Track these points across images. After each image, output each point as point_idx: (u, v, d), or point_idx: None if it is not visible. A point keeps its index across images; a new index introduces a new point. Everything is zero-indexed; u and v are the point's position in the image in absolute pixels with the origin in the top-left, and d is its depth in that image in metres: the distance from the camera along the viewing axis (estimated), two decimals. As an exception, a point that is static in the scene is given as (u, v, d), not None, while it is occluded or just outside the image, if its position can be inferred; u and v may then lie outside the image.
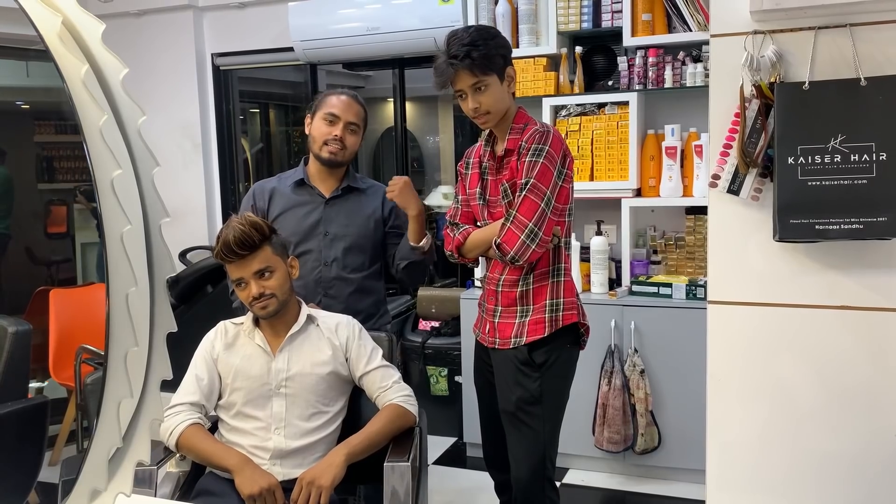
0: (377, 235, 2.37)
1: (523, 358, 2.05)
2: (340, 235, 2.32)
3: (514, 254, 1.96)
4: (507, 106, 2.06)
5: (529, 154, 1.98)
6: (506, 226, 1.98)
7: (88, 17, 0.97)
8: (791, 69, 1.65)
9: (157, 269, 1.07)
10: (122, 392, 1.02)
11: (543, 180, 1.97)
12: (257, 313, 1.95)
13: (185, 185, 4.44)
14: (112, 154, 0.93)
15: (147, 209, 1.03)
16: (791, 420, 1.76)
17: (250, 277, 1.90)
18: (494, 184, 2.10)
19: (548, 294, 2.06)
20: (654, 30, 3.27)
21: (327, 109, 2.30)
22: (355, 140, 2.34)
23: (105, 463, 1.01)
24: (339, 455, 1.83)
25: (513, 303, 2.08)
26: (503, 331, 2.09)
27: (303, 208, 2.33)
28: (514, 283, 2.07)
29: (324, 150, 2.29)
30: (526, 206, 1.96)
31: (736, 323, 1.75)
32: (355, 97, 2.35)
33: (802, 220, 1.60)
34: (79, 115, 0.98)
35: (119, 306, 0.99)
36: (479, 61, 1.95)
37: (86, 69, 0.92)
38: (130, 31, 4.41)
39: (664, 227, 3.48)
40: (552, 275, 2.08)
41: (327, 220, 2.32)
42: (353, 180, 2.39)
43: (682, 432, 3.14)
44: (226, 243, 1.86)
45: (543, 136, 1.99)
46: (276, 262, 1.94)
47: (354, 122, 2.32)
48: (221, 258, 1.90)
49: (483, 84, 1.98)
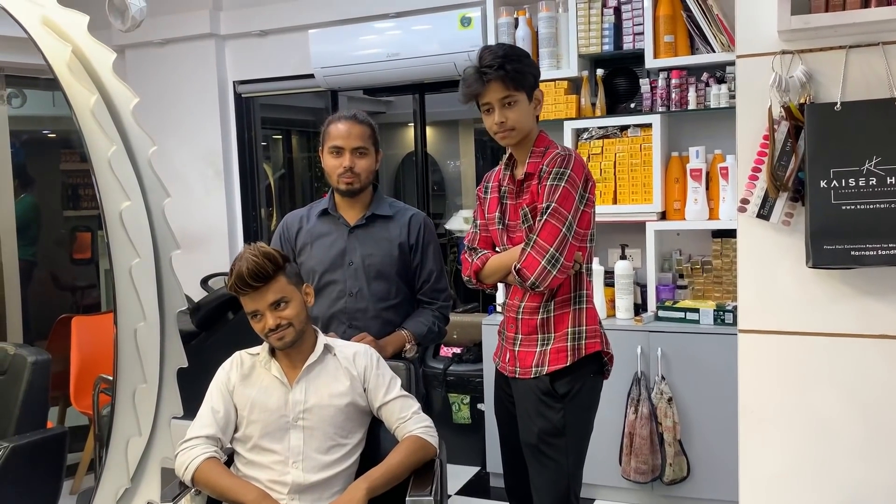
0: (402, 263, 2.30)
1: (545, 388, 2.00)
2: (365, 265, 2.26)
3: (535, 280, 1.92)
4: (531, 127, 2.03)
5: (551, 178, 1.94)
6: (526, 251, 1.94)
7: (99, 46, 0.95)
8: (822, 90, 1.60)
9: (168, 302, 1.05)
10: (131, 430, 0.99)
11: (565, 204, 1.93)
12: (274, 345, 1.92)
13: (207, 211, 4.46)
14: (121, 185, 0.91)
15: (157, 241, 1.01)
16: (827, 454, 1.68)
17: (265, 309, 1.87)
18: (514, 208, 2.06)
19: (570, 322, 2.01)
20: (677, 51, 3.23)
21: (331, 143, 2.25)
22: (367, 163, 2.27)
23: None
24: (359, 490, 1.79)
25: (533, 330, 2.03)
26: (524, 359, 2.04)
27: (328, 238, 2.29)
28: (535, 310, 2.02)
29: (340, 182, 2.25)
30: (547, 231, 1.92)
31: (768, 353, 1.69)
32: (355, 118, 2.28)
33: (837, 245, 1.54)
34: (87, 145, 0.96)
35: (127, 341, 0.96)
36: (513, 74, 1.93)
37: (95, 99, 0.90)
38: (153, 61, 4.47)
39: (690, 250, 3.41)
40: (574, 301, 2.03)
41: (352, 250, 2.27)
42: (380, 207, 2.33)
43: (712, 462, 3.05)
44: (239, 276, 1.82)
45: (565, 159, 1.96)
46: (290, 291, 1.90)
47: (360, 146, 2.24)
48: (236, 291, 1.86)
49: (513, 99, 1.96)
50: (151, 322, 0.97)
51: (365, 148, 2.26)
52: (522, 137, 2.02)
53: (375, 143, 2.31)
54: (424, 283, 2.33)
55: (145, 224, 0.94)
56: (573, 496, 2.03)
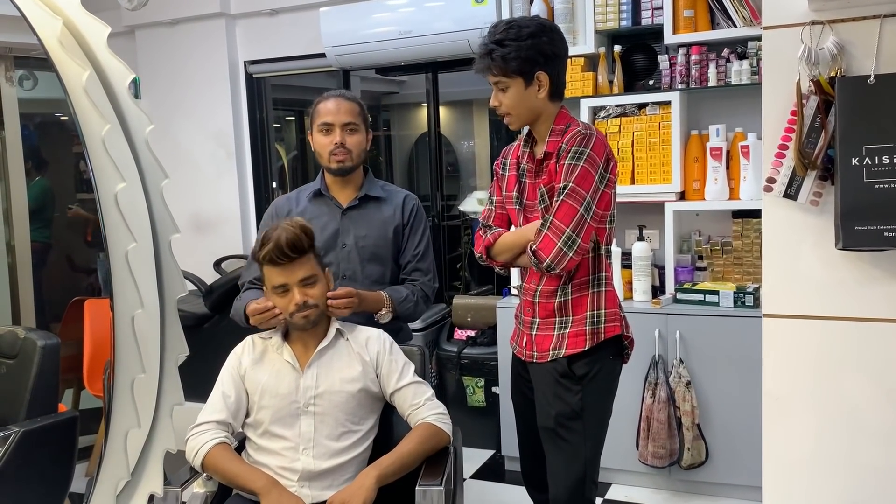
0: (396, 245, 2.26)
1: (562, 370, 1.95)
2: (359, 247, 2.23)
3: (551, 262, 1.86)
4: (537, 109, 1.95)
5: (569, 157, 1.87)
6: (542, 231, 1.88)
7: (93, 20, 0.90)
8: (854, 62, 1.53)
9: (168, 289, 1.00)
10: (129, 422, 0.95)
11: (584, 184, 1.86)
12: (297, 322, 1.88)
13: (219, 193, 4.42)
14: (115, 166, 0.86)
15: (156, 225, 0.95)
16: (853, 440, 1.63)
17: (295, 284, 1.84)
18: (532, 187, 2.00)
19: (588, 305, 1.96)
20: (697, 26, 3.14)
21: (320, 120, 2.21)
22: (358, 139, 2.22)
23: (113, 498, 0.94)
24: (369, 477, 1.76)
25: (551, 314, 1.98)
26: (541, 343, 1.99)
27: (320, 220, 2.24)
28: (552, 293, 1.97)
29: (332, 160, 2.21)
30: (564, 212, 1.86)
31: (794, 338, 1.63)
32: (343, 95, 2.25)
33: (869, 226, 1.48)
34: (80, 125, 0.91)
35: (124, 330, 0.92)
36: (498, 62, 1.87)
37: (88, 74, 0.84)
38: (163, 41, 4.42)
39: (710, 231, 3.34)
40: (592, 284, 1.97)
41: (345, 232, 2.24)
42: (372, 188, 2.28)
43: (731, 446, 3.00)
44: (278, 244, 1.79)
45: (585, 138, 1.89)
46: (319, 272, 1.89)
47: (351, 121, 2.20)
48: (271, 261, 1.82)
49: (504, 85, 1.90)
50: (150, 309, 0.92)
51: (355, 124, 2.21)
52: (528, 120, 1.96)
53: (366, 122, 2.26)
54: (408, 263, 2.28)
55: (143, 207, 0.89)
56: (590, 482, 1.99)
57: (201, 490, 1.87)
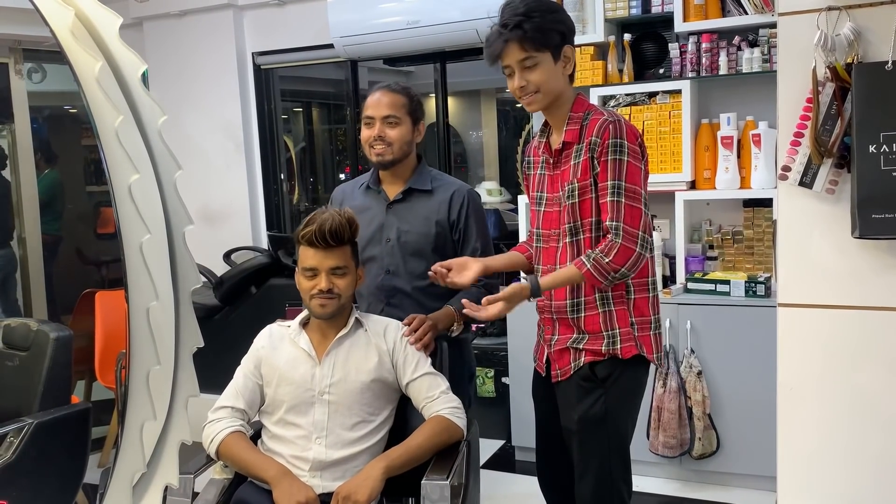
0: (440, 239, 2.20)
1: (585, 374, 1.88)
2: (401, 242, 2.19)
3: (628, 269, 1.77)
4: (561, 89, 1.85)
5: (610, 151, 1.78)
6: (616, 243, 1.77)
7: (104, 10, 0.89)
8: (871, 48, 1.50)
9: (182, 280, 0.99)
10: (145, 414, 0.95)
11: (635, 180, 1.78)
12: (314, 309, 1.89)
13: (228, 185, 4.42)
14: (129, 157, 0.85)
15: (170, 216, 0.95)
16: (869, 431, 1.62)
17: (324, 270, 1.85)
18: (552, 179, 1.93)
19: (616, 320, 1.87)
20: (708, 14, 3.11)
21: (364, 113, 2.20)
22: (400, 133, 2.17)
23: (129, 489, 0.94)
24: (376, 468, 1.75)
25: (570, 329, 1.91)
26: (561, 360, 1.93)
27: (369, 213, 2.22)
28: (570, 307, 1.90)
29: (372, 154, 2.19)
30: (630, 215, 1.77)
31: (810, 327, 1.62)
32: (389, 87, 2.21)
33: (886, 214, 1.46)
34: (92, 116, 0.91)
35: (139, 322, 0.91)
36: (531, 34, 1.76)
37: (100, 65, 0.84)
38: (171, 33, 4.42)
39: (720, 220, 3.32)
40: (642, 289, 1.89)
41: (389, 226, 2.21)
42: (419, 181, 2.23)
43: (743, 436, 2.99)
44: (321, 229, 1.81)
45: (618, 128, 1.79)
46: (351, 265, 1.90)
47: (391, 114, 2.16)
48: (310, 241, 1.84)
49: (534, 61, 1.78)
50: (165, 301, 0.91)
51: (396, 117, 2.17)
52: (551, 101, 1.86)
53: (412, 113, 2.21)
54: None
55: (156, 198, 0.88)
56: (620, 482, 1.91)
57: (219, 477, 1.89)
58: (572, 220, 1.86)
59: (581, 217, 1.85)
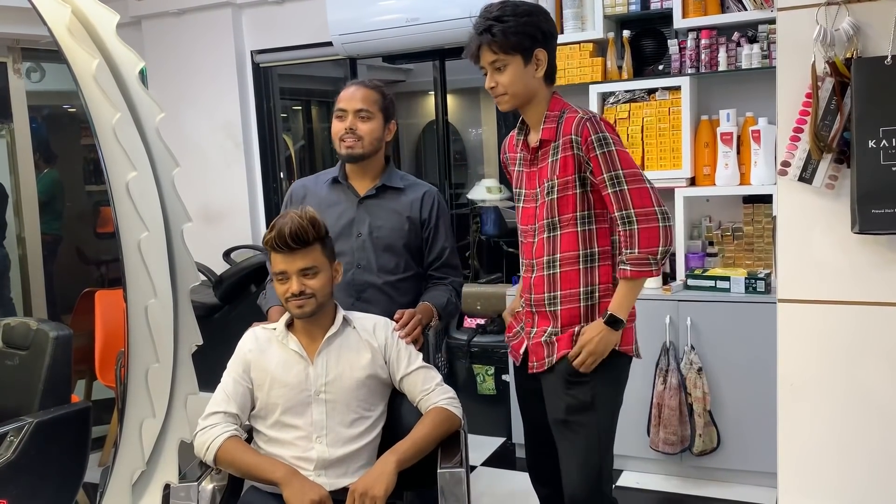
0: (412, 237, 2.23)
1: (569, 367, 1.90)
2: (373, 237, 2.20)
3: (664, 246, 1.80)
4: (532, 91, 1.90)
5: (597, 146, 1.82)
6: (635, 230, 1.80)
7: (101, 7, 0.88)
8: (870, 43, 1.50)
9: (180, 278, 0.99)
10: (144, 412, 0.94)
11: (630, 164, 1.83)
12: (292, 311, 1.88)
13: (227, 184, 4.42)
14: (126, 155, 0.85)
15: (168, 214, 0.95)
16: (870, 426, 1.62)
17: (294, 273, 1.83)
18: (529, 176, 1.97)
19: (595, 315, 1.90)
20: (707, 10, 3.11)
21: (337, 106, 2.20)
22: (370, 127, 2.18)
23: (128, 487, 0.93)
24: (389, 463, 1.76)
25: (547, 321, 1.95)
26: (538, 353, 1.96)
27: (336, 208, 2.22)
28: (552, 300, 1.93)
29: (342, 147, 2.19)
30: (637, 196, 1.80)
31: (810, 323, 1.62)
32: (363, 83, 2.22)
33: (886, 209, 1.46)
34: (90, 113, 0.90)
35: (138, 320, 0.91)
36: (500, 38, 1.82)
37: (97, 63, 0.83)
38: (170, 31, 4.41)
39: (720, 217, 3.32)
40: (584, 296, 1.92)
41: (360, 221, 2.21)
42: (391, 178, 2.25)
43: (743, 432, 2.99)
44: (280, 233, 1.80)
45: (594, 123, 1.84)
46: (322, 263, 1.87)
47: (363, 108, 2.16)
48: (272, 247, 1.83)
49: (502, 63, 1.85)
50: (163, 299, 0.91)
51: (368, 111, 2.17)
52: (523, 101, 1.92)
53: (384, 111, 2.22)
54: (436, 260, 2.27)
55: (154, 196, 0.88)
56: (606, 474, 1.95)
57: (210, 485, 1.84)
58: (550, 217, 1.90)
59: (559, 213, 1.89)
